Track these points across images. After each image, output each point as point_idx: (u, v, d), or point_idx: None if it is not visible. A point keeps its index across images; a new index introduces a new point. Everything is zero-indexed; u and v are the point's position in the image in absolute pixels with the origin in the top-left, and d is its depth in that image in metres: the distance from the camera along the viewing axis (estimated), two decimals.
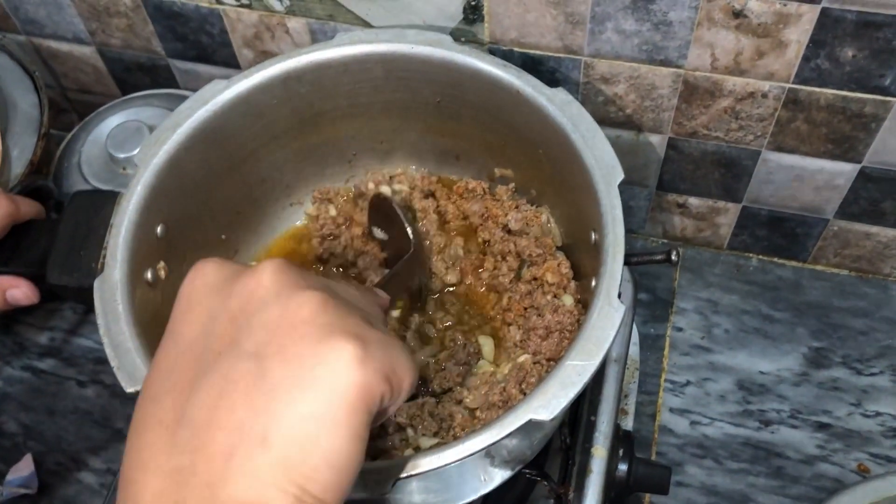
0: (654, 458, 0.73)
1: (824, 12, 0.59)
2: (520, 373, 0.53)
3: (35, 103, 0.73)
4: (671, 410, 0.75)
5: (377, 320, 0.39)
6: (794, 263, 0.82)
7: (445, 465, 0.41)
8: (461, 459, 0.41)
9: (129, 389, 0.46)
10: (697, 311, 0.80)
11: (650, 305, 0.80)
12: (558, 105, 0.53)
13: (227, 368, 0.34)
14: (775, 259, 0.82)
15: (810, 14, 0.59)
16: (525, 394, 0.50)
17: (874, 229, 0.75)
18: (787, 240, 0.79)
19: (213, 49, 0.77)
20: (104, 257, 0.51)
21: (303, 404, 0.32)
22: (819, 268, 0.81)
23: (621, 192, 0.79)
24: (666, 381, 0.76)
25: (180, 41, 0.78)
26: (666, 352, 0.78)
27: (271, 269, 0.36)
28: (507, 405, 0.52)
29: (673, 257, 0.49)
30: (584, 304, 0.57)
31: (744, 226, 0.79)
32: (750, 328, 0.79)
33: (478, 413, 0.54)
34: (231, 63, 0.79)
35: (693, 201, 0.78)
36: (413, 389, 0.37)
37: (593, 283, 0.47)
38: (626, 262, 0.48)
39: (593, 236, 0.50)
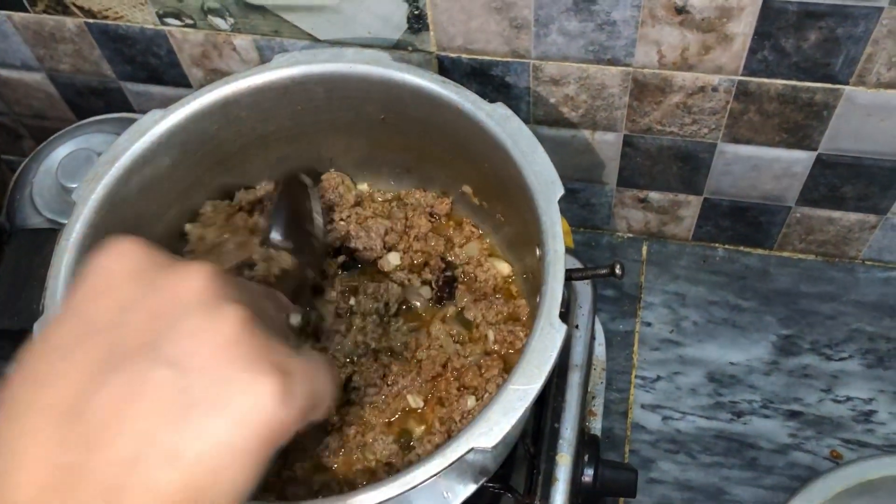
0: (627, 456, 0.73)
1: (766, 4, 0.58)
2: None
3: None
4: (643, 407, 0.75)
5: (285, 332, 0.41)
6: (760, 251, 0.81)
7: (387, 499, 0.41)
8: (401, 494, 0.41)
9: None
10: (665, 305, 0.79)
11: (617, 301, 0.80)
12: (497, 120, 0.52)
13: (143, 370, 0.31)
14: (741, 248, 0.81)
15: (752, 7, 0.59)
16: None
17: (836, 214, 0.75)
18: (751, 228, 0.79)
19: (162, 70, 0.77)
20: (45, 299, 0.50)
21: (220, 430, 0.31)
22: (785, 254, 0.81)
23: (583, 190, 0.80)
24: (636, 377, 0.76)
25: (129, 63, 0.77)
26: (635, 348, 0.78)
27: (202, 274, 0.34)
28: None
29: (617, 271, 0.48)
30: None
31: (707, 217, 0.79)
32: (718, 319, 0.78)
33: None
34: (182, 83, 0.78)
35: (654, 196, 0.78)
36: (331, 411, 0.37)
37: (538, 301, 0.47)
38: (569, 278, 0.47)
39: (538, 252, 0.49)
